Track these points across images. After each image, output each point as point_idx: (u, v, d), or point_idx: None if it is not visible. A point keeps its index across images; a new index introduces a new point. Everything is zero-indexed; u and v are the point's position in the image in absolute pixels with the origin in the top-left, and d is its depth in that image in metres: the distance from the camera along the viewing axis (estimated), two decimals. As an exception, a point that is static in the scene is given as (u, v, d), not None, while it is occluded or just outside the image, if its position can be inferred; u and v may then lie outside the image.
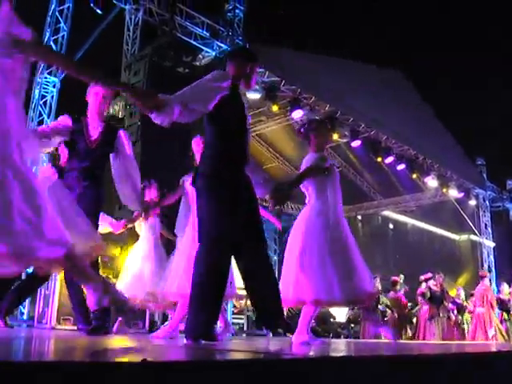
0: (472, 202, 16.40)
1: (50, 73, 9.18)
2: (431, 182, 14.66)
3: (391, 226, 19.24)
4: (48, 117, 9.09)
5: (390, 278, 11.34)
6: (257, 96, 11.11)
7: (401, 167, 13.50)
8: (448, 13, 20.84)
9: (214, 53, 10.71)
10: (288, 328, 3.07)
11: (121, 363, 1.28)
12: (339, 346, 3.83)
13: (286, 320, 3.32)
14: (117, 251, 7.36)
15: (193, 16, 10.28)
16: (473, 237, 18.22)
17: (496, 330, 10.30)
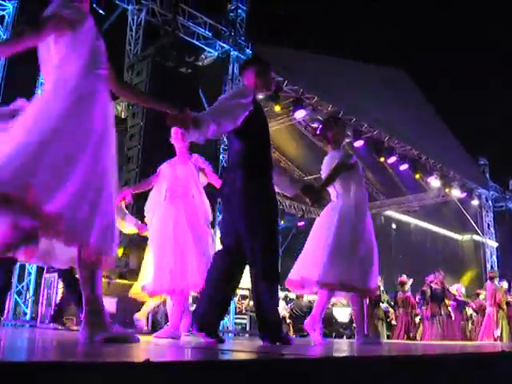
0: (475, 202, 16.38)
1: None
2: (434, 182, 14.65)
3: (394, 226, 19.21)
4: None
5: (398, 279, 11.29)
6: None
7: (404, 167, 13.49)
8: (448, 13, 20.83)
9: (217, 53, 10.73)
10: (286, 341, 3.15)
11: (123, 363, 1.28)
12: (341, 346, 3.84)
13: (285, 333, 3.45)
14: (120, 251, 7.37)
15: (195, 16, 10.30)
16: (476, 237, 18.19)
17: (503, 331, 10.20)
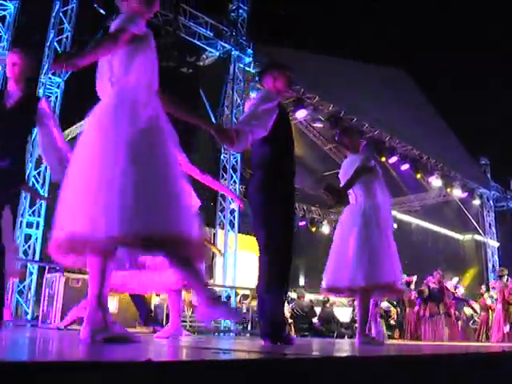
0: (476, 202, 16.37)
1: (54, 73, 9.20)
2: (435, 182, 14.64)
3: (395, 226, 19.08)
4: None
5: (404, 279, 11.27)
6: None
7: (405, 167, 13.49)
8: (448, 13, 20.80)
9: (218, 53, 10.72)
10: (287, 341, 3.17)
11: (123, 363, 1.29)
12: (341, 346, 3.84)
13: (286, 333, 3.48)
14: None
15: (196, 16, 10.30)
16: (477, 236, 18.17)
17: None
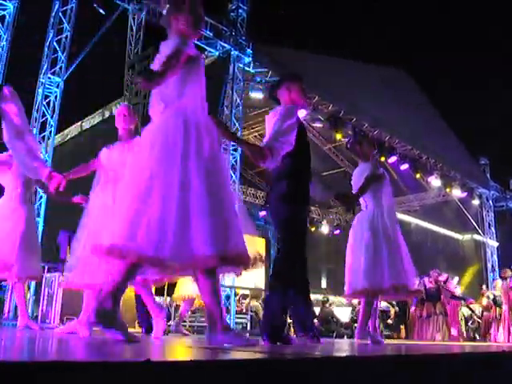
0: (475, 202, 16.37)
1: (54, 73, 9.19)
2: (434, 182, 14.64)
3: (395, 226, 19.15)
4: (51, 117, 9.10)
5: None
6: (260, 96, 11.12)
7: (404, 167, 13.48)
8: (448, 13, 20.81)
9: (218, 52, 10.71)
10: (287, 341, 3.25)
11: (123, 363, 1.28)
12: (341, 346, 3.84)
13: (285, 334, 3.62)
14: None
15: (196, 16, 10.27)
16: (476, 236, 18.18)
17: None
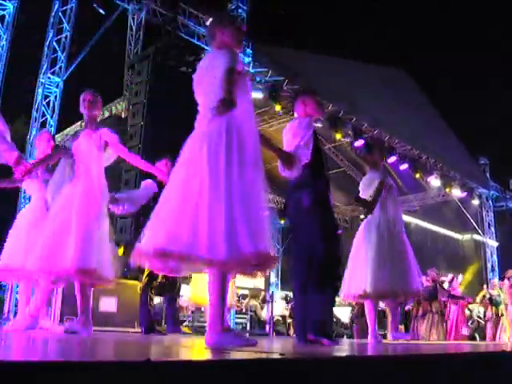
0: (475, 202, 16.36)
1: (54, 73, 9.19)
2: (434, 182, 14.62)
3: (394, 226, 19.14)
4: (51, 117, 9.10)
5: None
6: (260, 96, 11.11)
7: (404, 167, 13.48)
8: (448, 13, 20.82)
9: (217, 52, 10.71)
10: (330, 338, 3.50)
11: (123, 363, 1.28)
12: (341, 346, 3.83)
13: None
14: (120, 251, 7.36)
15: (196, 16, 10.29)
16: (476, 236, 18.18)
17: None
